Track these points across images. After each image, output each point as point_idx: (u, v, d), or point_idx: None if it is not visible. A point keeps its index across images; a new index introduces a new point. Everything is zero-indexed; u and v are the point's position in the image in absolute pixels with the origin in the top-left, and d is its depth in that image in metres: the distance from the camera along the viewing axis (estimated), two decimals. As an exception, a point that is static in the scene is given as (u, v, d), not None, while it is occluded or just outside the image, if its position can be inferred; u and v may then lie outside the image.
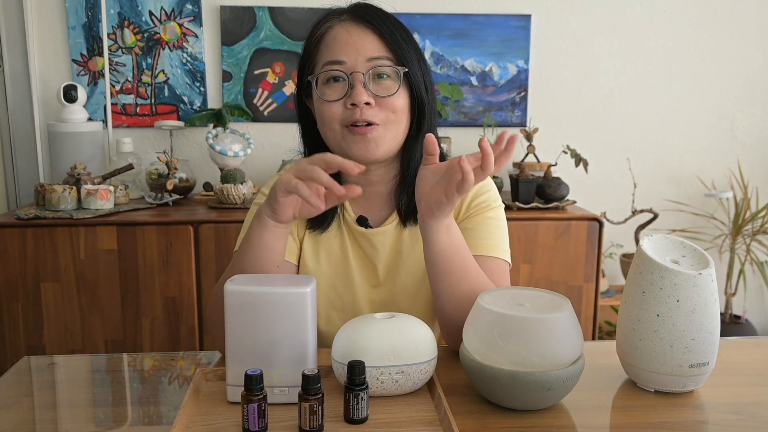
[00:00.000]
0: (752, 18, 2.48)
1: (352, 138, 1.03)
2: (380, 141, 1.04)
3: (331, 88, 1.04)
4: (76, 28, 2.25)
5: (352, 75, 1.02)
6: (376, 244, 1.12)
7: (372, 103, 1.02)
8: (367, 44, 1.02)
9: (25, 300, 1.89)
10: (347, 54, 1.02)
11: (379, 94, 1.02)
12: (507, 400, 0.82)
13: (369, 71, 1.02)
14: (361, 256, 1.13)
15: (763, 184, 2.59)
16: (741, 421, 0.81)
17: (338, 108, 1.03)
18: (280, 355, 0.81)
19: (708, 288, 0.85)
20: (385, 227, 1.12)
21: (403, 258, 1.12)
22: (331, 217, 1.12)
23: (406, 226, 1.12)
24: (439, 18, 2.35)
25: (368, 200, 1.14)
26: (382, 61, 1.02)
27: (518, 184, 2.11)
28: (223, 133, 2.22)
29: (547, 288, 1.36)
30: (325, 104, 1.03)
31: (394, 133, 1.05)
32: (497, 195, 1.14)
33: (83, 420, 0.82)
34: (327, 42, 1.04)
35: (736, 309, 2.63)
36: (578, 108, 2.48)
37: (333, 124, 1.04)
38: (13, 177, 2.29)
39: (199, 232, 1.91)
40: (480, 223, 1.09)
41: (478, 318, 0.83)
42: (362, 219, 1.13)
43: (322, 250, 1.13)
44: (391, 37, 1.03)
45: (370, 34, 1.03)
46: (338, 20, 1.05)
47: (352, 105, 1.02)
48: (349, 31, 1.03)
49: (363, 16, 1.04)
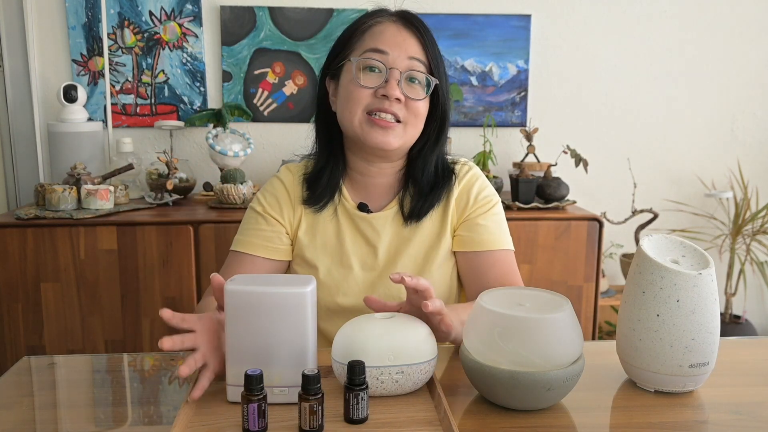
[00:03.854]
0: (752, 18, 2.48)
1: (371, 127, 1.10)
2: (397, 137, 1.11)
3: (366, 75, 1.10)
4: (76, 28, 2.25)
5: (390, 70, 1.09)
6: (377, 227, 1.17)
7: (401, 100, 1.09)
8: (410, 44, 1.11)
9: (25, 300, 1.89)
10: (392, 47, 1.10)
11: (410, 95, 1.10)
12: (507, 400, 0.82)
13: (405, 72, 1.10)
14: (360, 241, 1.18)
15: (763, 184, 2.59)
16: (741, 421, 0.81)
17: (367, 94, 1.10)
18: (280, 355, 0.81)
19: (708, 288, 0.85)
20: (385, 212, 1.18)
21: (404, 243, 1.17)
22: (327, 199, 1.18)
23: (407, 224, 1.17)
24: (439, 18, 2.35)
25: (368, 190, 1.20)
26: (419, 64, 1.11)
27: (518, 184, 2.11)
28: (223, 133, 2.22)
29: (547, 288, 1.36)
30: (358, 87, 1.10)
31: (411, 134, 1.13)
32: (494, 191, 1.23)
33: (83, 420, 0.82)
34: (374, 33, 1.12)
35: (736, 309, 2.63)
36: (578, 108, 2.48)
37: (357, 108, 1.10)
38: (13, 177, 2.29)
39: (199, 232, 1.91)
40: (491, 221, 1.18)
41: (478, 318, 0.83)
42: (362, 205, 1.18)
43: (320, 238, 1.18)
44: (431, 48, 1.13)
45: (415, 38, 1.12)
46: (388, 18, 1.14)
47: (383, 96, 1.09)
48: (399, 29, 1.12)
49: (411, 21, 1.13)
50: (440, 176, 1.18)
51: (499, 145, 2.43)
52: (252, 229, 1.18)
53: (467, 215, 1.18)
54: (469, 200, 1.18)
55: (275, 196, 1.20)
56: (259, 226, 1.18)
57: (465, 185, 1.19)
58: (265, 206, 1.19)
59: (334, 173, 1.18)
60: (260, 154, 2.38)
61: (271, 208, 1.19)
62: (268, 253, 1.17)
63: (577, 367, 0.81)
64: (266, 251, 1.17)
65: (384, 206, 1.19)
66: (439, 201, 1.17)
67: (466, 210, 1.18)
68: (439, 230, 1.18)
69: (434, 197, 1.17)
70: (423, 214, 1.16)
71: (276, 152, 2.39)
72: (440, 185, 1.17)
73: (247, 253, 1.16)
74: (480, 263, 1.16)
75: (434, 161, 1.17)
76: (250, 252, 1.16)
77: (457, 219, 1.19)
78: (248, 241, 1.17)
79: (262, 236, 1.17)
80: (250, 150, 2.23)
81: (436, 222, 1.18)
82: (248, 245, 1.17)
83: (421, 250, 1.17)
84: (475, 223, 1.17)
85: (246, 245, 1.17)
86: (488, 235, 1.16)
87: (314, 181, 1.18)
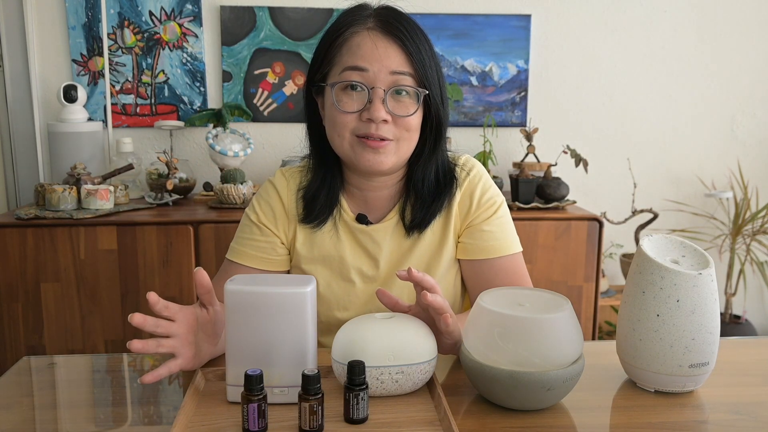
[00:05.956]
0: (753, 18, 2.48)
1: (363, 149, 1.03)
2: (390, 155, 1.04)
3: (348, 95, 1.02)
4: (76, 28, 2.25)
5: (372, 89, 1.01)
6: (377, 238, 1.13)
7: (388, 120, 1.02)
8: (392, 57, 1.01)
9: (25, 300, 1.89)
10: (371, 62, 1.00)
11: (397, 112, 1.02)
12: (507, 400, 0.82)
13: (390, 89, 1.01)
14: (360, 252, 1.14)
15: (763, 184, 2.59)
16: (741, 421, 0.81)
17: (352, 119, 1.02)
18: (280, 355, 0.81)
19: (708, 288, 0.85)
20: (385, 223, 1.13)
21: (406, 253, 1.13)
22: (327, 216, 1.12)
23: (409, 235, 1.13)
24: (439, 18, 2.35)
25: (368, 202, 1.15)
26: (404, 78, 1.01)
27: (518, 184, 2.11)
28: (223, 133, 2.22)
29: (547, 288, 1.36)
30: (340, 113, 1.02)
31: (405, 149, 1.06)
32: (498, 190, 1.16)
33: (83, 420, 0.82)
34: (350, 47, 1.02)
35: (736, 309, 2.63)
36: (578, 108, 2.48)
37: (344, 132, 1.04)
38: (13, 177, 2.29)
39: (199, 232, 1.91)
40: (496, 225, 1.13)
41: (478, 318, 0.83)
42: (361, 216, 1.13)
43: (317, 250, 1.14)
44: (417, 55, 1.02)
45: (397, 48, 1.01)
46: (364, 27, 1.03)
47: (368, 119, 1.01)
48: (375, 42, 1.01)
49: (391, 28, 1.02)
50: (442, 183, 1.12)
51: (499, 145, 2.43)
52: (246, 239, 1.14)
53: (471, 221, 1.13)
54: (472, 205, 1.12)
55: (269, 205, 1.15)
56: (254, 236, 1.14)
57: (467, 188, 1.13)
58: (259, 215, 1.14)
59: (332, 190, 1.12)
60: (260, 154, 2.38)
61: (265, 217, 1.14)
62: (262, 264, 1.13)
63: (577, 367, 0.81)
64: (260, 262, 1.13)
65: (383, 217, 1.14)
66: (441, 210, 1.12)
67: (470, 215, 1.13)
68: (442, 238, 1.13)
69: (436, 206, 1.11)
70: (425, 225, 1.11)
71: (276, 152, 2.39)
72: (443, 193, 1.11)
73: (241, 263, 1.13)
74: (486, 271, 1.12)
75: (434, 168, 1.11)
76: (243, 263, 1.13)
77: (461, 225, 1.13)
78: (242, 252, 1.14)
79: (256, 247, 1.13)
80: (250, 150, 2.23)
81: (439, 229, 1.13)
82: (242, 255, 1.13)
83: (423, 260, 1.13)
84: (479, 229, 1.12)
85: (240, 255, 1.14)
86: (494, 241, 1.11)
87: (312, 200, 1.12)
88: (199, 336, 0.88)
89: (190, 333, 0.86)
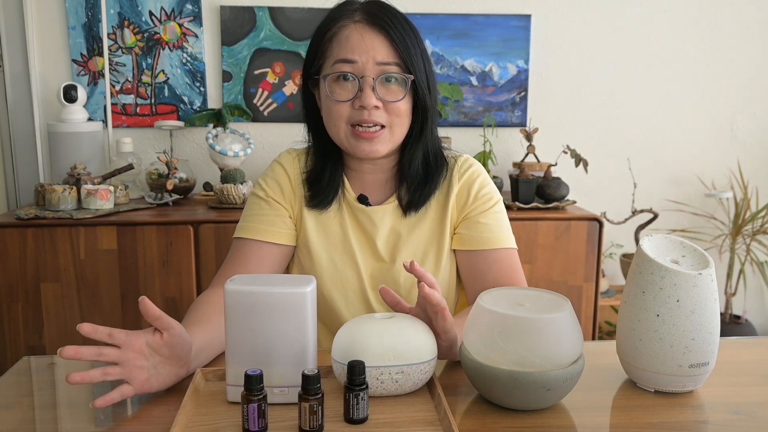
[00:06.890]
0: (752, 18, 2.48)
1: (357, 138, 1.10)
2: (384, 142, 1.11)
3: (340, 86, 1.09)
4: (76, 28, 2.25)
5: (362, 78, 1.07)
6: (375, 220, 1.17)
7: (380, 106, 1.08)
8: (378, 48, 1.07)
9: (25, 300, 1.89)
10: (359, 53, 1.07)
11: (387, 98, 1.08)
12: (507, 400, 0.82)
13: (378, 77, 1.07)
14: (361, 233, 1.18)
15: (763, 184, 2.59)
16: (741, 421, 0.81)
17: (346, 108, 1.09)
18: (280, 355, 0.81)
19: (708, 288, 0.85)
20: (384, 206, 1.18)
21: (403, 238, 1.17)
22: (332, 196, 1.17)
23: (406, 215, 1.17)
24: (439, 18, 2.35)
25: (368, 184, 1.20)
26: (391, 67, 1.08)
27: (518, 184, 2.11)
28: (223, 133, 2.22)
29: (547, 288, 1.37)
30: (334, 103, 1.09)
31: (398, 134, 1.12)
32: (496, 189, 1.21)
33: (83, 420, 0.82)
34: (339, 40, 1.09)
35: (736, 309, 2.63)
36: (578, 108, 2.48)
37: (340, 122, 1.10)
38: (13, 177, 2.29)
39: (199, 232, 1.91)
40: (492, 219, 1.17)
41: (478, 318, 0.83)
42: (362, 197, 1.19)
43: (322, 227, 1.18)
44: (401, 44, 1.08)
45: (382, 38, 1.08)
46: (351, 20, 1.09)
47: (360, 107, 1.08)
48: (362, 34, 1.08)
49: (376, 19, 1.08)
50: (433, 165, 1.17)
51: (499, 145, 2.43)
52: (256, 215, 1.17)
53: (467, 213, 1.17)
54: (470, 197, 1.17)
55: (276, 180, 1.20)
56: (263, 211, 1.17)
57: (465, 181, 1.18)
58: (267, 191, 1.19)
59: (334, 173, 1.18)
60: (260, 154, 2.38)
61: (273, 192, 1.19)
62: (273, 237, 1.16)
63: (577, 367, 0.81)
64: (271, 235, 1.16)
65: (384, 200, 1.19)
66: (435, 190, 1.17)
67: (466, 207, 1.17)
68: (439, 227, 1.17)
69: (430, 188, 1.16)
70: (420, 204, 1.16)
71: (276, 152, 2.38)
72: (435, 174, 1.17)
73: (253, 239, 1.15)
74: (480, 262, 1.15)
75: (421, 154, 1.16)
76: (255, 237, 1.15)
77: (457, 216, 1.18)
78: (252, 227, 1.16)
79: (266, 221, 1.16)
80: (250, 150, 2.23)
81: (436, 218, 1.18)
82: (253, 231, 1.16)
83: (420, 246, 1.17)
84: (475, 221, 1.16)
85: (250, 231, 1.16)
86: (488, 233, 1.15)
87: (315, 182, 1.18)
88: (156, 360, 0.85)
89: (138, 358, 0.83)
